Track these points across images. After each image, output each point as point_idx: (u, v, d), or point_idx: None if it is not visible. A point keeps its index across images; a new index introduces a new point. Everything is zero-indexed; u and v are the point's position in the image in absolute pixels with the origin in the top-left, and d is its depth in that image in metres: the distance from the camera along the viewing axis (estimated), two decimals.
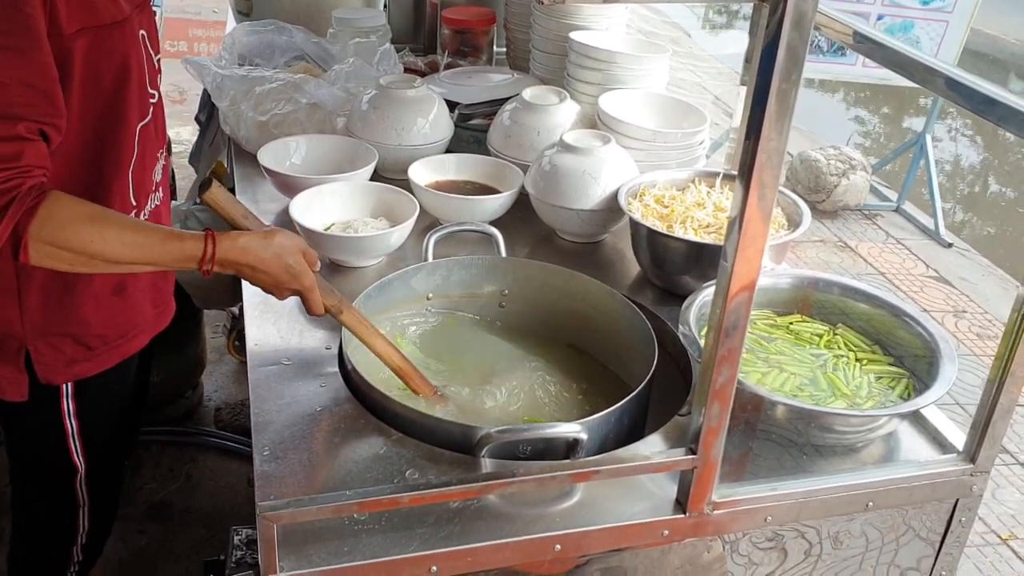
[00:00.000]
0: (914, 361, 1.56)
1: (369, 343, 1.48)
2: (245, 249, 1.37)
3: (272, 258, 1.38)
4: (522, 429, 1.35)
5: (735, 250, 1.08)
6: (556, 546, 1.25)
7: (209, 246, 1.34)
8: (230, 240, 1.36)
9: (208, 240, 1.34)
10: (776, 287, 1.69)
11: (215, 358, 3.37)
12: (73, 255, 1.28)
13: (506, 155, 2.13)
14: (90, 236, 1.27)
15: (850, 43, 1.80)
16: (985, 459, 1.41)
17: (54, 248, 1.26)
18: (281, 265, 1.39)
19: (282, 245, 1.39)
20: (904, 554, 1.49)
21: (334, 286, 1.49)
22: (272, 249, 1.38)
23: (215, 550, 1.42)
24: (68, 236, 1.26)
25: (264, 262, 1.38)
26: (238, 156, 2.29)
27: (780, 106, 1.01)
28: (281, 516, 1.12)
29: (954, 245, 5.09)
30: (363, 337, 1.48)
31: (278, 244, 1.39)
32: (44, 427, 1.64)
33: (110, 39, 1.40)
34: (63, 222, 1.26)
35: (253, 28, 2.62)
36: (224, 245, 1.35)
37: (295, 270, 1.40)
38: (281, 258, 1.39)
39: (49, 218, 1.24)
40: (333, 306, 1.45)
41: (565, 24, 2.42)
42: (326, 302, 1.44)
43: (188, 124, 4.47)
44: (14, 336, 1.51)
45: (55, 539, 1.83)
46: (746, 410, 1.41)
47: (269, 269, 1.39)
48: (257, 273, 1.39)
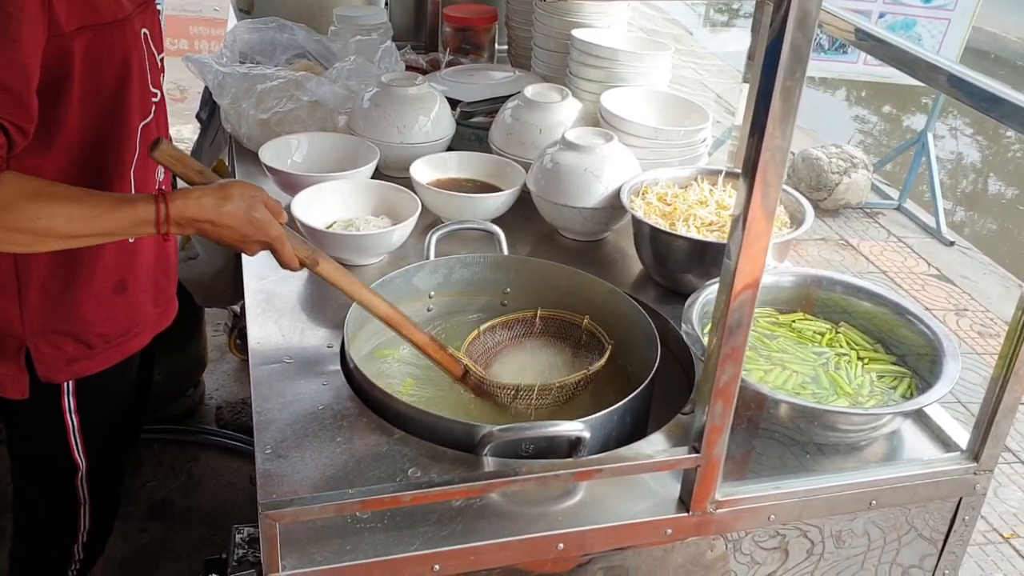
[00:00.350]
0: (916, 360, 1.56)
1: (352, 293, 1.44)
2: (201, 205, 1.31)
3: (233, 210, 1.32)
4: (524, 427, 1.34)
5: (739, 248, 1.08)
6: (559, 545, 1.25)
7: (161, 207, 1.29)
8: (182, 198, 1.30)
9: (159, 201, 1.29)
10: (779, 285, 1.68)
11: (216, 356, 3.37)
12: (23, 235, 1.24)
13: (508, 153, 2.12)
14: (36, 213, 1.23)
15: (852, 40, 1.79)
16: (989, 458, 1.41)
17: (3, 231, 1.22)
18: (244, 217, 1.33)
19: (241, 195, 1.33)
20: (907, 553, 1.49)
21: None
22: (232, 201, 1.32)
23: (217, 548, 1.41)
24: (14, 216, 1.22)
25: (224, 216, 1.32)
26: (239, 154, 2.29)
27: (784, 104, 1.01)
28: (284, 515, 1.12)
29: (955, 243, 5.09)
30: (345, 287, 1.43)
31: (237, 195, 1.33)
32: (45, 425, 1.64)
33: (110, 37, 1.40)
34: (7, 202, 1.21)
35: (254, 26, 2.62)
36: (177, 204, 1.30)
37: (259, 221, 1.34)
38: (242, 210, 1.32)
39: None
40: (307, 257, 1.40)
41: (567, 21, 2.41)
42: (299, 254, 1.39)
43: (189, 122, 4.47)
44: (14, 335, 1.51)
45: (56, 537, 1.82)
46: (749, 408, 1.41)
47: (231, 223, 1.32)
48: (219, 228, 1.33)
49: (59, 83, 1.34)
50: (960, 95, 1.48)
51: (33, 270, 1.47)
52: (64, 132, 1.39)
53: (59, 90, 1.35)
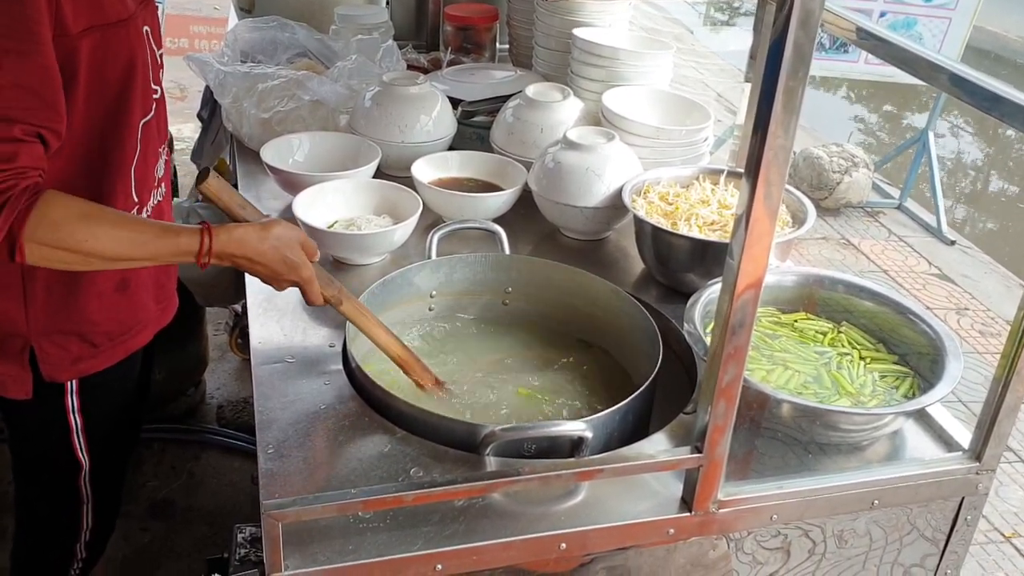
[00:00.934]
0: (918, 359, 1.56)
1: (370, 333, 1.48)
2: (242, 242, 1.36)
3: (269, 250, 1.37)
4: (526, 427, 1.34)
5: (742, 248, 1.07)
6: (561, 544, 1.25)
7: (205, 240, 1.33)
8: (226, 233, 1.35)
9: (204, 234, 1.33)
10: (780, 284, 1.68)
11: (217, 356, 3.37)
12: (68, 254, 1.27)
13: (509, 152, 2.12)
14: (84, 235, 1.26)
15: (854, 39, 1.79)
16: (991, 457, 1.41)
17: (49, 248, 1.26)
18: (278, 257, 1.37)
19: (279, 236, 1.38)
20: (909, 553, 1.48)
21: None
22: (269, 241, 1.37)
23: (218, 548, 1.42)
24: (63, 236, 1.25)
25: (261, 254, 1.37)
26: (241, 153, 2.29)
27: (787, 103, 1.01)
28: (286, 514, 1.12)
29: (956, 242, 5.09)
30: (363, 327, 1.48)
31: (275, 235, 1.37)
32: (48, 424, 1.64)
33: (116, 37, 1.40)
34: (57, 222, 1.25)
35: (255, 25, 2.62)
36: (220, 238, 1.34)
37: (293, 262, 1.39)
38: (278, 250, 1.37)
39: (43, 218, 1.24)
40: (332, 296, 1.44)
41: (568, 21, 2.41)
42: (325, 293, 1.43)
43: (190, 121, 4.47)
44: (19, 334, 1.51)
45: (58, 536, 1.82)
46: (751, 408, 1.41)
47: (266, 261, 1.37)
48: (255, 265, 1.38)
49: (65, 83, 1.34)
50: (961, 94, 1.48)
51: (38, 270, 1.47)
52: (70, 131, 1.39)
53: (67, 92, 1.35)
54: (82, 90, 1.37)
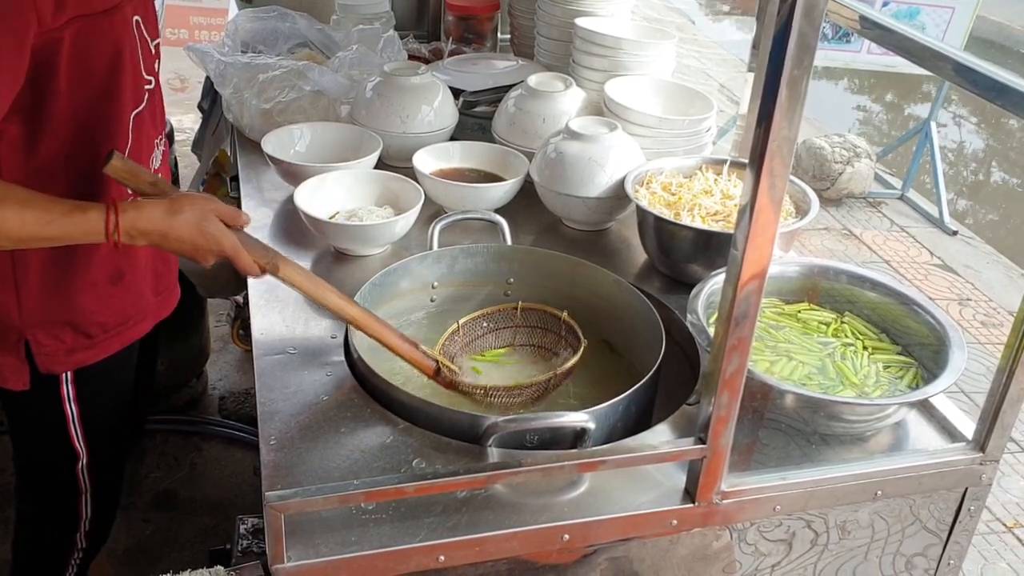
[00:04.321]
0: (921, 350, 1.56)
1: (317, 296, 1.42)
2: (152, 217, 1.32)
3: (182, 223, 1.32)
4: (529, 418, 1.34)
5: (746, 238, 1.07)
6: (564, 536, 1.25)
7: (111, 216, 1.29)
8: (134, 209, 1.31)
9: (110, 210, 1.30)
10: (784, 275, 1.68)
11: (219, 347, 3.37)
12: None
13: (511, 142, 2.11)
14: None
15: (857, 28, 1.79)
16: (994, 448, 1.41)
17: None
18: (195, 229, 1.33)
19: (192, 207, 1.34)
20: (912, 543, 1.48)
21: (339, 275, 1.48)
22: (182, 214, 1.32)
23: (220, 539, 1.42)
24: None
25: (174, 228, 1.32)
26: (241, 144, 2.28)
27: (791, 94, 1.00)
28: (288, 506, 1.12)
29: (958, 233, 5.08)
30: (309, 291, 1.42)
31: (187, 207, 1.33)
32: (44, 414, 1.64)
33: (100, 27, 1.38)
34: None
35: (256, 15, 2.61)
36: (128, 215, 1.30)
37: (211, 232, 1.34)
38: (193, 222, 1.33)
39: None
40: (268, 263, 1.39)
41: (570, 10, 2.40)
42: (259, 260, 1.38)
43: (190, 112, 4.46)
44: (13, 326, 1.50)
45: (58, 526, 1.82)
46: (754, 399, 1.41)
47: (182, 235, 1.33)
48: (170, 241, 1.34)
49: (46, 73, 1.33)
50: (965, 83, 1.48)
51: (30, 262, 1.46)
52: (54, 121, 1.38)
53: (47, 80, 1.34)
54: (65, 78, 1.36)
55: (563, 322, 1.61)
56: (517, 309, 1.64)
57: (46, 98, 1.36)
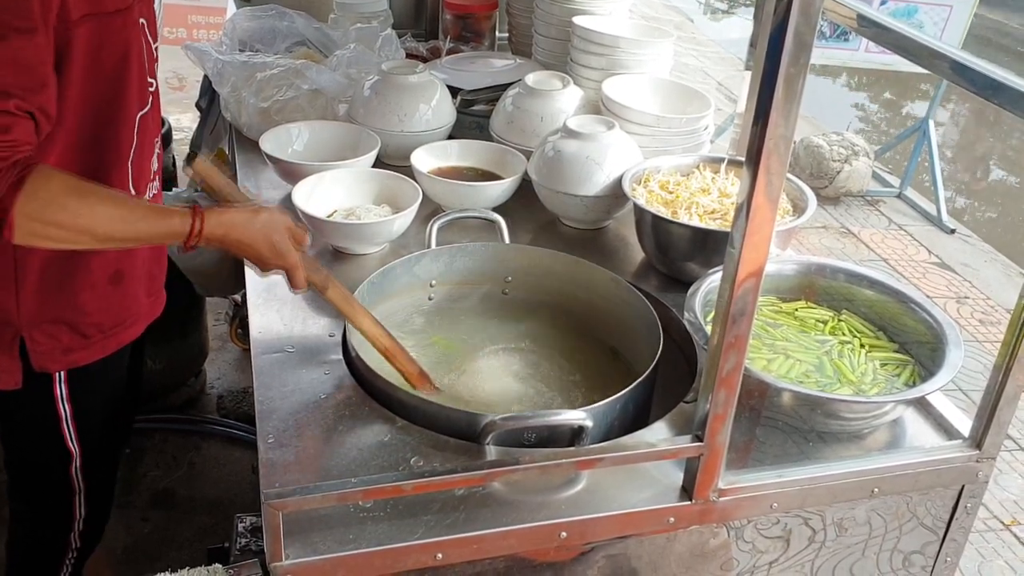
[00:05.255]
0: (918, 347, 1.56)
1: (355, 321, 1.47)
2: (232, 225, 1.36)
3: (257, 234, 1.37)
4: (526, 416, 1.34)
5: (743, 236, 1.07)
6: (561, 533, 1.25)
7: (196, 222, 1.32)
8: (216, 216, 1.35)
9: (195, 215, 1.33)
10: (781, 273, 1.68)
11: (217, 346, 3.37)
12: (60, 230, 1.25)
13: (509, 141, 2.12)
14: (77, 210, 1.25)
15: (855, 27, 1.79)
16: (991, 445, 1.41)
17: (40, 224, 1.23)
18: (267, 242, 1.38)
19: (267, 221, 1.38)
20: (909, 540, 1.49)
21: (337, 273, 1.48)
22: (257, 225, 1.37)
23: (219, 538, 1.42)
24: (55, 211, 1.23)
25: (250, 237, 1.37)
26: (239, 143, 2.28)
27: (788, 92, 1.00)
28: (286, 504, 1.12)
29: (956, 231, 5.08)
30: (349, 315, 1.47)
31: (264, 220, 1.38)
32: (37, 413, 1.64)
33: (113, 26, 1.39)
34: (50, 196, 1.23)
35: (254, 13, 2.61)
36: (211, 221, 1.34)
37: (280, 248, 1.39)
38: (267, 235, 1.37)
39: (35, 192, 1.22)
40: (318, 283, 1.44)
41: (568, 9, 2.40)
42: (311, 278, 1.43)
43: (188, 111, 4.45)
44: (10, 324, 1.50)
45: (52, 526, 1.82)
46: (751, 397, 1.41)
47: (254, 245, 1.37)
48: (243, 248, 1.38)
49: (59, 70, 1.33)
50: (962, 81, 1.48)
51: (31, 260, 1.46)
52: (63, 121, 1.38)
53: (59, 77, 1.34)
54: (76, 78, 1.36)
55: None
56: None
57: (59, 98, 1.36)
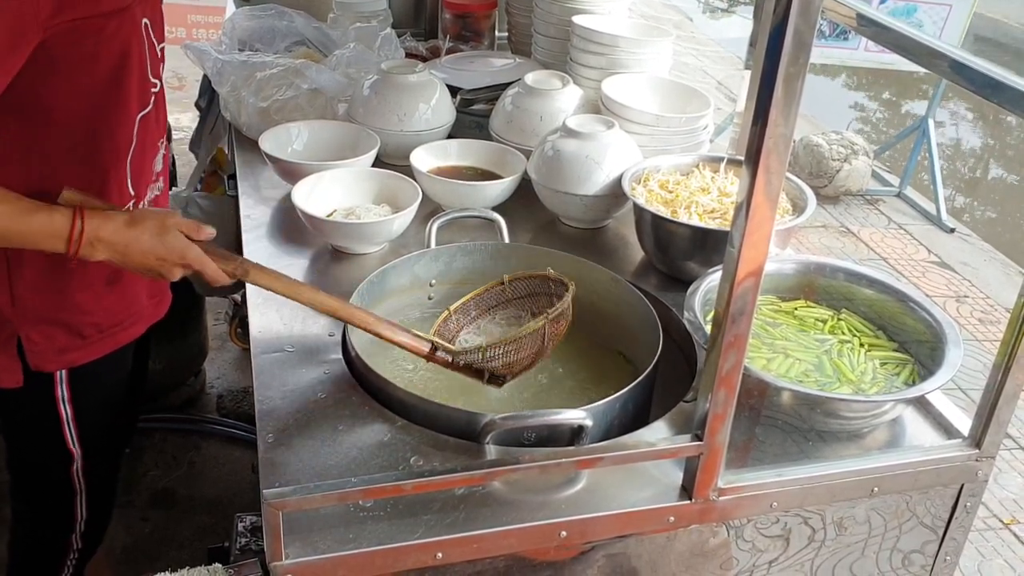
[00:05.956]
0: (918, 346, 1.56)
1: (293, 294, 1.39)
2: (115, 228, 1.30)
3: (144, 235, 1.30)
4: (526, 416, 1.34)
5: (742, 236, 1.07)
6: (561, 532, 1.25)
7: (77, 222, 1.27)
8: (101, 218, 1.29)
9: (76, 215, 1.27)
10: (781, 272, 1.68)
11: (217, 345, 3.37)
12: None
13: (508, 140, 2.12)
14: None
15: (854, 26, 1.78)
16: (990, 444, 1.41)
17: None
18: (155, 241, 1.31)
19: (152, 219, 1.32)
20: (908, 539, 1.49)
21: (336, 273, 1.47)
22: (143, 226, 1.31)
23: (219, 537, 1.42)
24: None
25: (136, 240, 1.30)
26: (239, 142, 2.28)
27: (787, 91, 1.00)
28: (286, 503, 1.12)
29: (956, 230, 5.08)
30: (284, 291, 1.38)
31: (149, 219, 1.32)
32: (38, 414, 1.63)
33: (108, 27, 1.38)
34: None
35: (253, 13, 2.61)
36: (93, 222, 1.28)
37: (172, 244, 1.32)
38: (155, 234, 1.31)
39: None
40: (236, 269, 1.37)
41: (567, 8, 2.40)
42: (226, 268, 1.36)
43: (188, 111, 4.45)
44: (6, 322, 1.50)
45: (53, 527, 1.82)
46: (751, 396, 1.41)
47: (143, 247, 1.31)
48: (132, 254, 1.31)
49: (50, 72, 1.32)
50: (962, 81, 1.48)
51: (25, 259, 1.46)
52: (56, 120, 1.38)
53: (49, 78, 1.33)
54: (69, 79, 1.35)
55: (550, 280, 1.56)
56: (504, 284, 1.60)
57: (48, 97, 1.35)
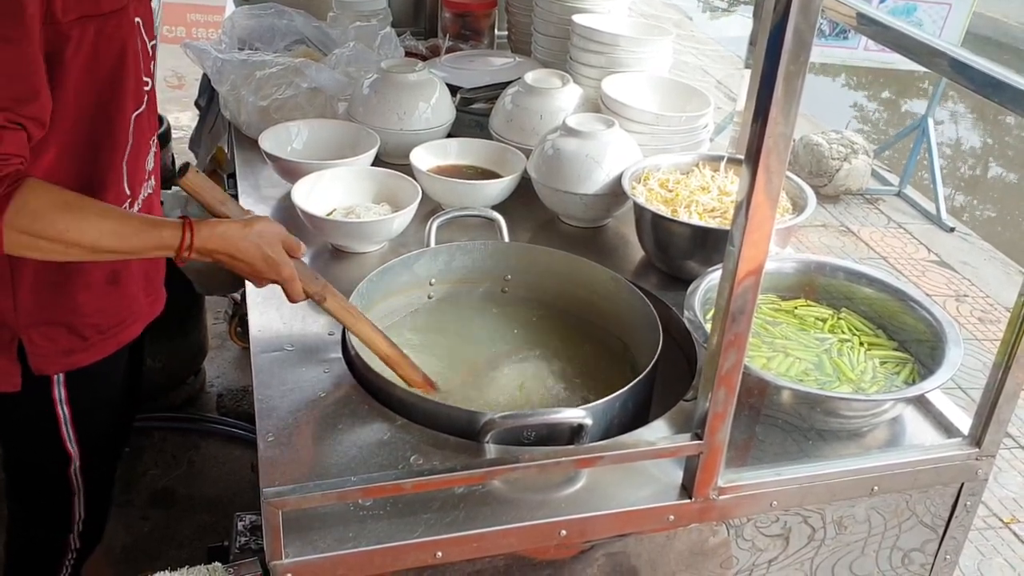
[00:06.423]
0: (918, 345, 1.56)
1: (355, 330, 1.46)
2: (224, 237, 1.35)
3: (250, 247, 1.36)
4: (526, 415, 1.34)
5: (742, 235, 1.07)
6: (561, 531, 1.25)
7: (187, 235, 1.32)
8: (208, 228, 1.34)
9: (186, 229, 1.32)
10: (781, 271, 1.68)
11: (217, 344, 3.37)
12: (49, 243, 1.26)
13: (508, 139, 2.11)
14: (66, 225, 1.25)
15: (854, 25, 1.78)
16: (990, 443, 1.41)
17: (28, 237, 1.24)
18: (259, 255, 1.36)
19: (260, 233, 1.37)
20: (908, 538, 1.49)
21: (336, 272, 1.48)
22: (250, 238, 1.36)
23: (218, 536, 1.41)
24: (44, 225, 1.24)
25: (242, 251, 1.36)
26: (239, 141, 2.28)
27: (787, 90, 1.00)
28: (286, 502, 1.12)
29: (956, 229, 5.08)
30: (349, 324, 1.46)
31: (257, 233, 1.36)
32: (36, 415, 1.63)
33: (108, 27, 1.38)
34: (39, 211, 1.23)
35: (253, 12, 2.61)
36: (202, 234, 1.33)
37: (273, 260, 1.37)
38: (259, 247, 1.36)
39: (24, 206, 1.22)
40: (316, 293, 1.42)
41: (567, 7, 2.40)
42: (308, 289, 1.42)
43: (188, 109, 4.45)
44: (7, 326, 1.50)
45: (51, 528, 1.82)
46: (751, 395, 1.41)
47: (247, 258, 1.36)
48: (235, 262, 1.37)
49: (53, 72, 1.33)
50: (962, 80, 1.48)
51: (27, 261, 1.45)
52: (59, 122, 1.38)
53: (54, 81, 1.33)
54: (72, 80, 1.35)
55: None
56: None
57: (54, 100, 1.35)
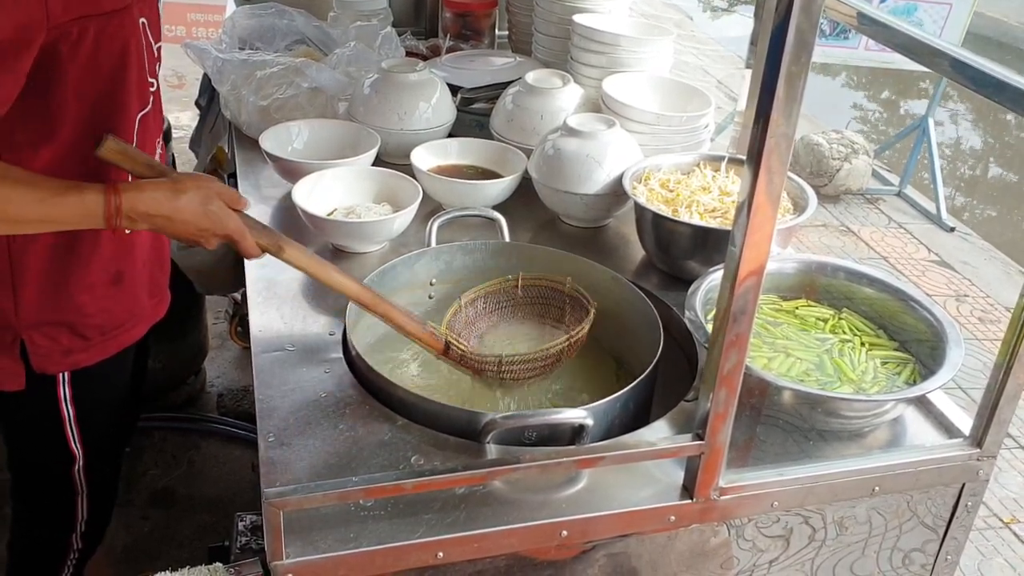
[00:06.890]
0: (918, 346, 1.56)
1: (321, 276, 1.40)
2: (155, 198, 1.27)
3: (188, 204, 1.28)
4: (527, 415, 1.34)
5: (743, 235, 1.07)
6: (562, 532, 1.25)
7: (112, 198, 1.25)
8: (135, 190, 1.27)
9: (109, 192, 1.25)
10: (781, 272, 1.68)
11: (217, 344, 3.37)
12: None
13: (509, 139, 2.11)
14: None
15: (855, 25, 1.78)
16: (992, 443, 1.41)
17: None
18: (200, 211, 1.29)
19: (196, 187, 1.30)
20: (909, 538, 1.49)
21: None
22: (186, 195, 1.28)
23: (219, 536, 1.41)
24: None
25: (179, 210, 1.28)
26: (239, 141, 2.28)
27: (789, 90, 1.00)
28: (287, 502, 1.12)
29: (956, 229, 5.08)
30: (313, 271, 1.40)
31: (191, 187, 1.29)
32: (40, 415, 1.63)
33: (110, 27, 1.38)
34: None
35: (253, 11, 2.61)
36: (129, 195, 1.26)
37: (216, 215, 1.30)
38: (198, 203, 1.29)
39: None
40: (271, 244, 1.36)
41: (568, 7, 2.40)
42: (260, 242, 1.36)
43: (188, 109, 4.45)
44: (9, 326, 1.50)
45: (54, 527, 1.82)
46: (752, 395, 1.41)
47: (186, 217, 1.29)
48: (174, 223, 1.29)
49: (54, 72, 1.32)
50: (962, 79, 1.48)
51: (29, 261, 1.46)
52: (61, 120, 1.38)
53: (54, 79, 1.33)
54: (73, 78, 1.35)
55: (566, 294, 1.59)
56: (518, 286, 1.62)
57: (53, 97, 1.35)
